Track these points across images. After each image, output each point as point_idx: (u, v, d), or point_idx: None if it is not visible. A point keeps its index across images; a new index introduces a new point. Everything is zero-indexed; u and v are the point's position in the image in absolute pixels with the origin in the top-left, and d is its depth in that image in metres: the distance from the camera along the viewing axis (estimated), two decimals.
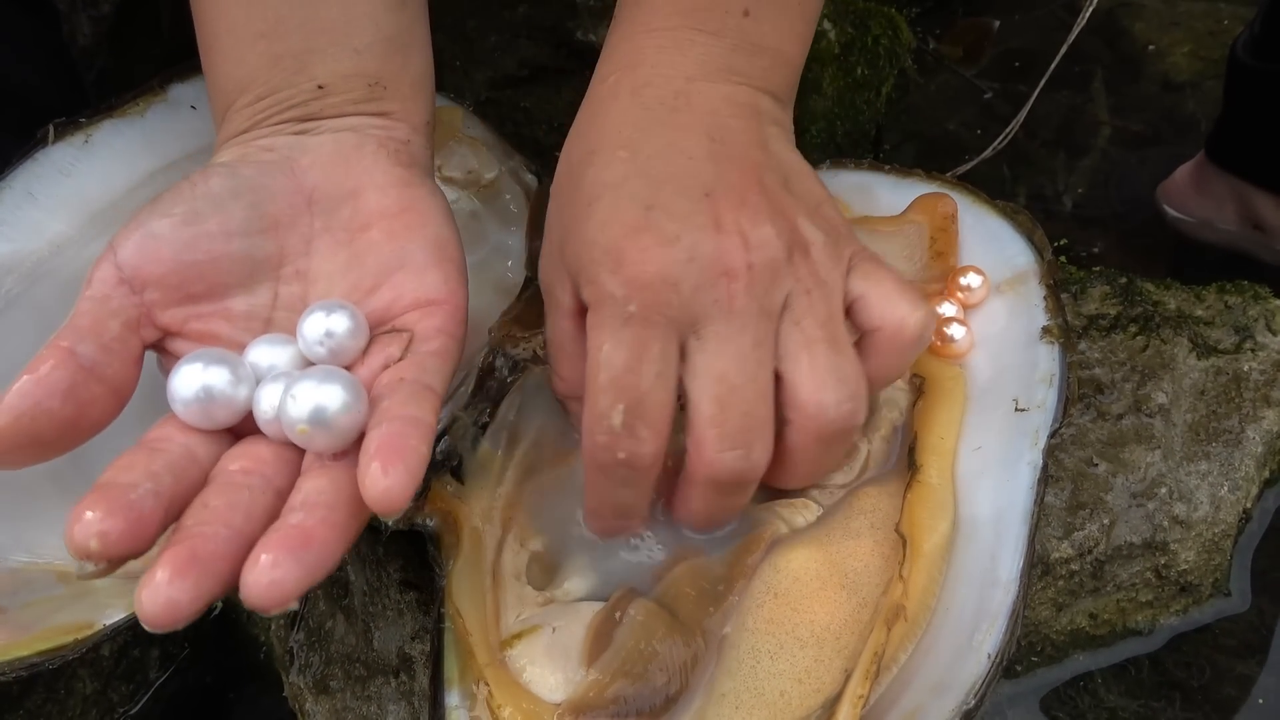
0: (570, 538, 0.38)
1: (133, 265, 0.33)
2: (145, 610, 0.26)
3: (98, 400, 0.31)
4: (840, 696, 0.31)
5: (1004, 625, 0.31)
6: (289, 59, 0.36)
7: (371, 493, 0.27)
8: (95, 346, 0.31)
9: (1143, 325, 0.54)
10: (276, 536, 0.27)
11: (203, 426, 0.31)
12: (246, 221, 0.35)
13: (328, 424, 0.30)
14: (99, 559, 0.27)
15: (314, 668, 0.47)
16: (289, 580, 0.26)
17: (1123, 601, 0.49)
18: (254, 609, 0.26)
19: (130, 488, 0.28)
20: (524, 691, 0.33)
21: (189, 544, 0.27)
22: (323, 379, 0.30)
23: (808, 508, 0.37)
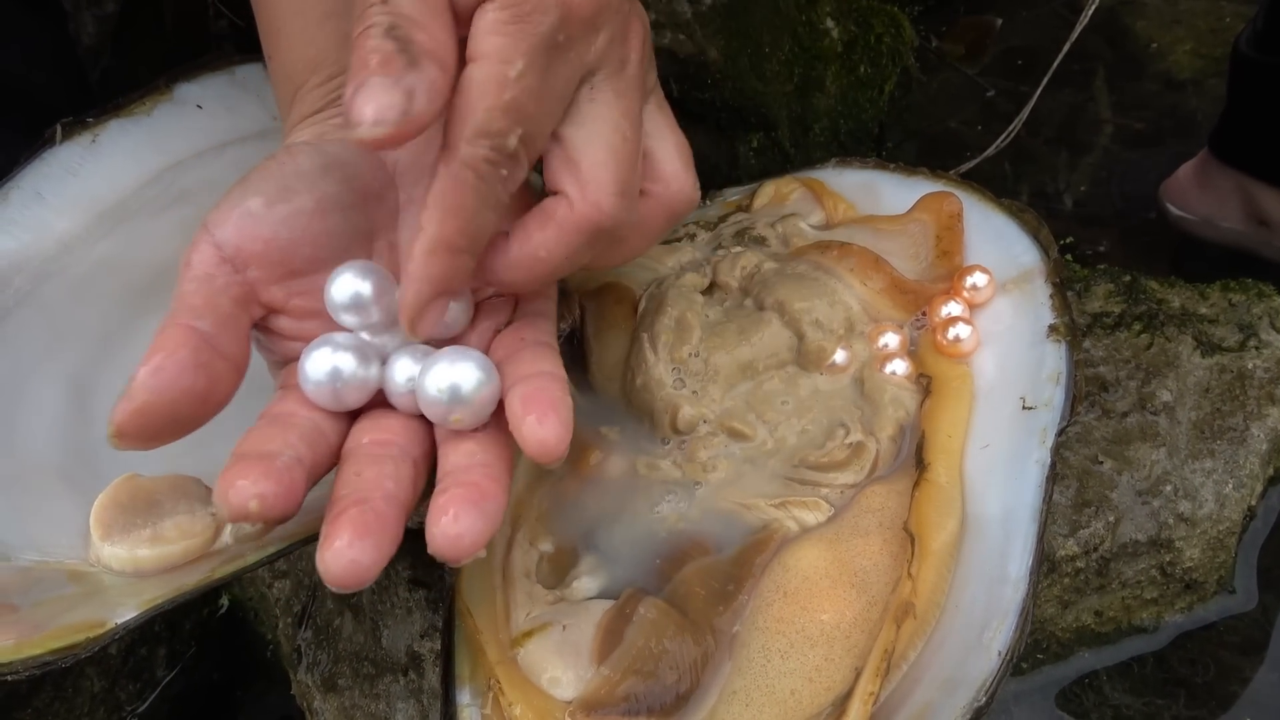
0: (582, 538, 0.38)
1: (233, 244, 0.33)
2: (331, 571, 0.27)
3: (223, 375, 0.31)
4: (851, 694, 0.31)
5: (1014, 623, 0.31)
6: None
7: (531, 442, 0.29)
8: (212, 322, 0.32)
9: (1147, 323, 0.54)
10: (455, 493, 0.29)
11: (331, 408, 0.33)
12: (338, 196, 0.35)
13: (466, 402, 0.31)
14: (257, 519, 0.28)
15: (322, 665, 0.47)
16: (475, 530, 0.28)
17: (1128, 599, 0.49)
18: (445, 560, 0.28)
19: (275, 455, 0.30)
20: (535, 689, 0.33)
21: (360, 509, 0.28)
22: (455, 358, 0.32)
23: (819, 507, 0.37)
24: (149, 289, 0.46)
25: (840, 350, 0.43)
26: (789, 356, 0.43)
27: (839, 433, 0.40)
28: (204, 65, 0.51)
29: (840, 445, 0.39)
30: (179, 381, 0.30)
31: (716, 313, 0.46)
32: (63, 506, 0.39)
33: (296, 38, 0.38)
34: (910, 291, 0.44)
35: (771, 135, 0.71)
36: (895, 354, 0.42)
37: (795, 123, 0.73)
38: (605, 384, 0.44)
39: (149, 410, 0.29)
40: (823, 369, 0.43)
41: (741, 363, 0.43)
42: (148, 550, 0.37)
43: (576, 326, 0.46)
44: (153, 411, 0.30)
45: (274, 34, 0.39)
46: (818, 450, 0.40)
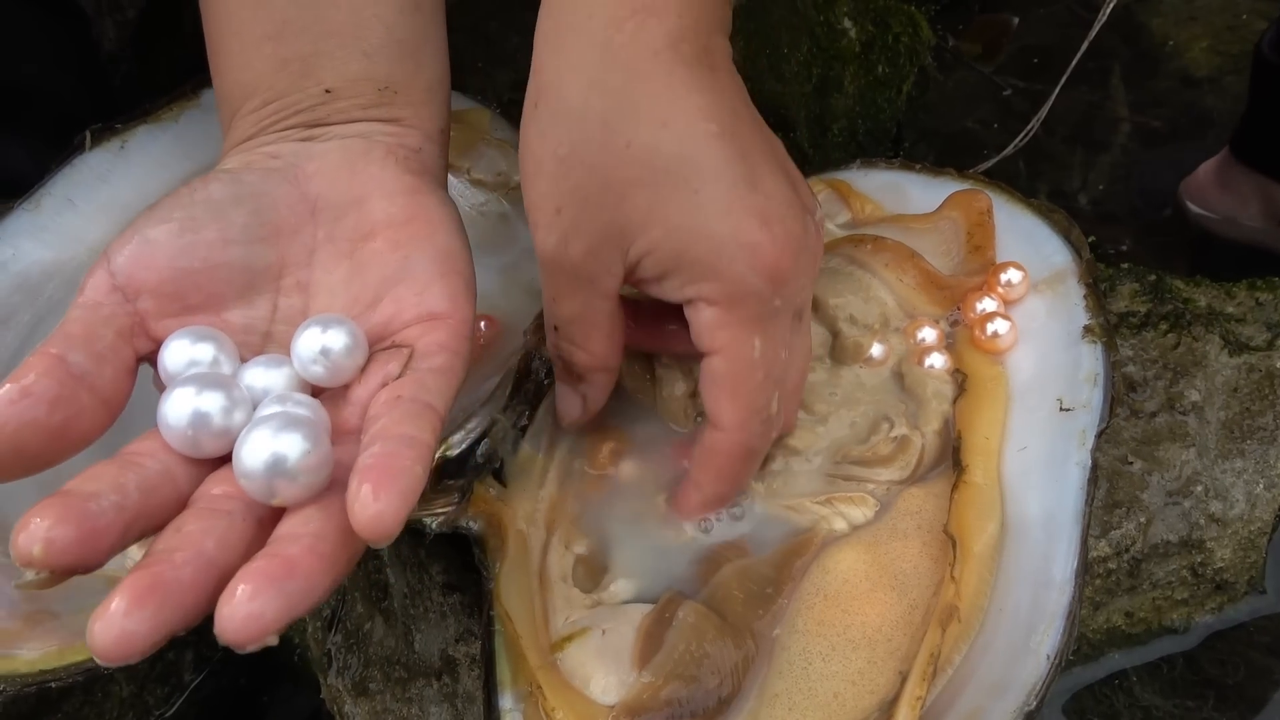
0: (616, 541, 0.38)
1: (126, 272, 0.31)
2: (96, 642, 0.23)
3: (87, 411, 0.29)
4: (897, 698, 0.31)
5: (1061, 626, 0.31)
6: (296, 63, 0.35)
7: (361, 518, 0.25)
8: (86, 355, 0.29)
9: (1173, 323, 0.54)
10: (257, 565, 0.25)
11: (192, 455, 0.29)
12: (246, 229, 0.33)
13: (291, 477, 0.27)
14: (40, 567, 0.25)
15: (352, 670, 0.47)
16: (268, 612, 0.24)
17: (1158, 599, 0.49)
18: (228, 644, 0.24)
19: (92, 497, 0.26)
20: (577, 694, 0.33)
21: (153, 570, 0.25)
22: (279, 428, 0.27)
23: (866, 502, 0.38)
24: None
25: (876, 345, 0.43)
26: (823, 352, 0.43)
27: (884, 426, 0.40)
28: None
29: (885, 439, 0.39)
30: (28, 415, 0.27)
31: None
32: None
33: (234, 59, 0.36)
34: (945, 286, 0.44)
35: (790, 136, 0.71)
36: (933, 348, 0.42)
37: (813, 123, 0.72)
38: (638, 389, 0.44)
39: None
40: (860, 363, 0.43)
41: None
42: None
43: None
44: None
45: (215, 54, 0.37)
46: (862, 445, 0.40)
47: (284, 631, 0.25)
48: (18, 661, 0.34)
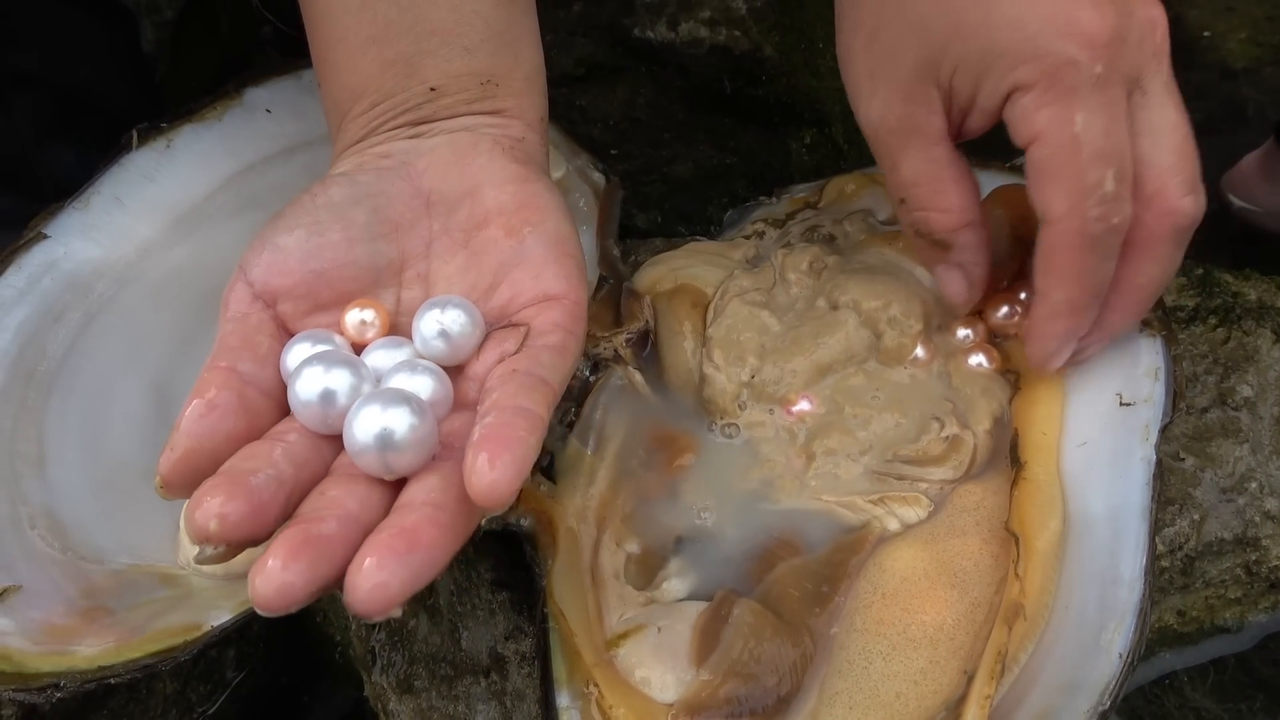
0: (668, 540, 0.38)
1: (263, 281, 0.33)
2: (258, 593, 0.25)
3: (264, 413, 0.31)
4: (964, 698, 0.31)
5: (1133, 624, 0.31)
6: (400, 63, 0.36)
7: (477, 486, 0.26)
8: (251, 362, 0.31)
9: (1223, 317, 0.53)
10: (382, 538, 0.26)
11: (320, 430, 0.31)
12: (368, 227, 0.34)
13: (399, 449, 0.28)
14: (218, 541, 0.26)
15: (397, 667, 0.47)
16: (394, 584, 0.25)
17: (1211, 598, 0.48)
18: (357, 615, 0.25)
19: (251, 474, 0.28)
20: (635, 691, 0.33)
21: (302, 528, 0.26)
22: (387, 401, 0.29)
23: (919, 502, 0.37)
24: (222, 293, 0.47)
25: (920, 345, 0.42)
26: (867, 354, 0.43)
27: (933, 426, 0.39)
28: (271, 70, 0.51)
29: (936, 439, 0.39)
30: (220, 426, 0.29)
31: (789, 318, 0.45)
32: (149, 510, 0.40)
33: (341, 65, 0.37)
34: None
35: (825, 132, 0.71)
36: (977, 346, 0.41)
37: (849, 119, 0.72)
38: (681, 388, 0.44)
39: (192, 457, 0.29)
40: (904, 364, 0.42)
41: (820, 365, 0.42)
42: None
43: (650, 328, 0.46)
44: (196, 458, 0.29)
45: (322, 61, 0.38)
46: (912, 445, 0.39)
47: (409, 601, 0.26)
48: (76, 658, 0.34)
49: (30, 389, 0.40)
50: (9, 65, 0.51)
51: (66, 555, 0.37)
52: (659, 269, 0.48)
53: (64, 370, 0.41)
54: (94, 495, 0.39)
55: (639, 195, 0.68)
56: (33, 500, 0.39)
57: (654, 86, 0.66)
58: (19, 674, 0.33)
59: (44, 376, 0.41)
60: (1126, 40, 0.33)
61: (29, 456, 0.39)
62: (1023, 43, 0.32)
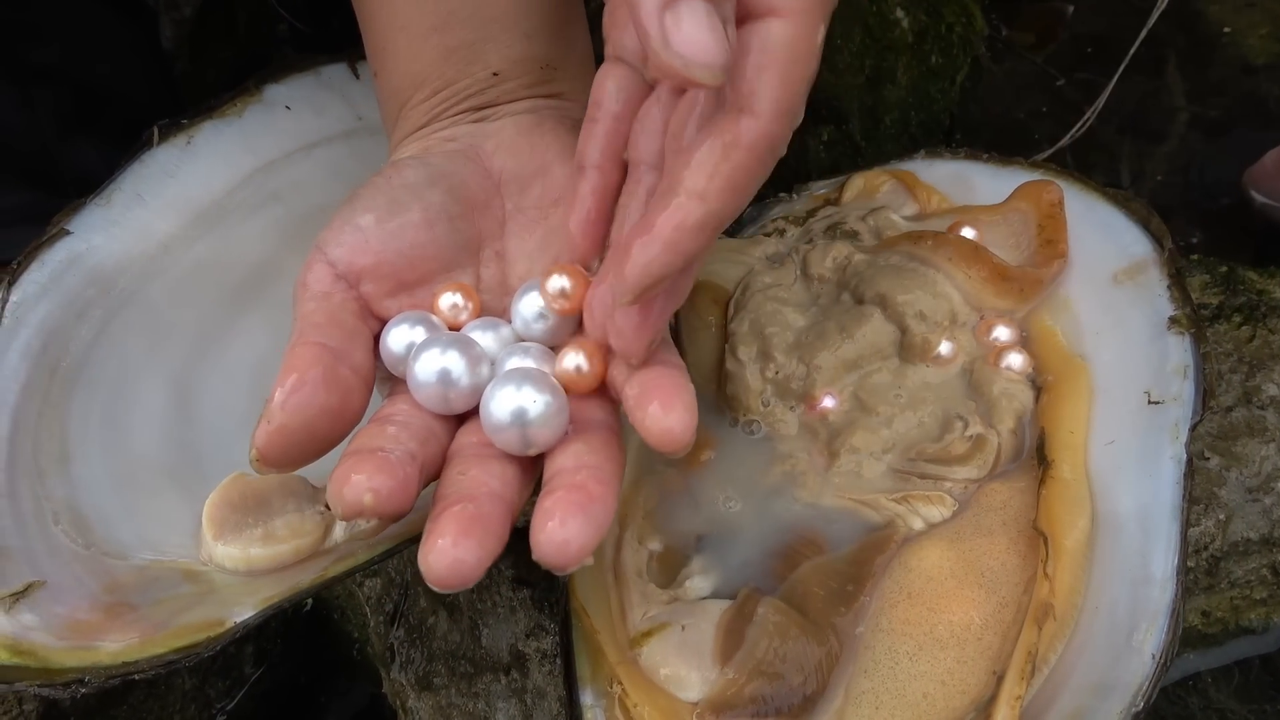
0: (691, 538, 0.38)
1: (345, 260, 0.33)
2: (434, 570, 0.26)
3: (354, 389, 0.31)
4: (994, 698, 0.30)
5: (1165, 624, 0.30)
6: (462, 50, 0.36)
7: (655, 431, 0.27)
8: (338, 338, 0.32)
9: (1247, 315, 0.52)
10: (560, 496, 0.27)
11: (440, 411, 0.32)
12: (445, 207, 0.35)
13: (536, 426, 0.30)
14: (371, 514, 0.27)
15: (416, 664, 0.47)
16: (581, 537, 0.26)
17: (1236, 599, 0.48)
18: (550, 567, 0.27)
19: (387, 451, 0.29)
20: (659, 690, 0.33)
21: (464, 506, 0.27)
22: (521, 381, 0.30)
23: (943, 501, 0.37)
24: (242, 289, 0.47)
25: (945, 343, 0.42)
26: (891, 350, 0.43)
27: (957, 425, 0.39)
28: (291, 66, 0.51)
29: (960, 438, 0.38)
30: (314, 400, 0.30)
31: (813, 314, 0.45)
32: (172, 505, 0.40)
33: (401, 54, 0.37)
34: (1014, 279, 0.43)
35: (843, 128, 0.70)
36: (1010, 346, 0.41)
37: (866, 115, 0.71)
38: (703, 384, 0.44)
39: (288, 431, 0.29)
40: (928, 361, 0.42)
41: (845, 360, 0.42)
42: (260, 549, 0.37)
43: (673, 325, 0.46)
44: (292, 432, 0.29)
45: (379, 51, 0.38)
46: (935, 444, 0.39)
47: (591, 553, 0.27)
48: (100, 654, 0.34)
49: (54, 384, 0.41)
50: (31, 61, 0.51)
51: (90, 551, 0.37)
52: None
53: (87, 366, 0.41)
54: (117, 491, 0.39)
55: None
56: (56, 495, 0.39)
57: None
58: (44, 669, 0.33)
59: (67, 372, 0.41)
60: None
61: (52, 452, 0.39)
62: None
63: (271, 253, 0.47)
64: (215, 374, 0.44)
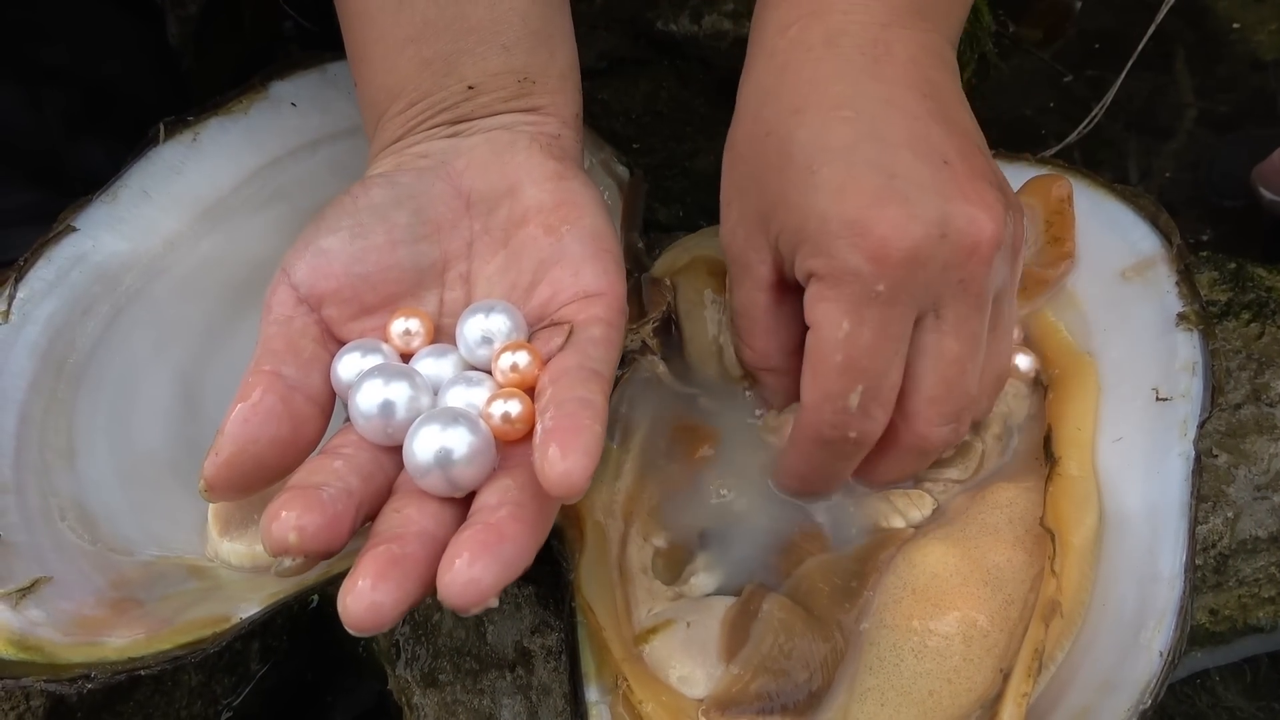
0: (695, 534, 0.38)
1: (308, 284, 0.33)
2: (350, 614, 0.26)
3: (309, 419, 0.31)
4: (1001, 696, 0.30)
5: (1173, 622, 0.30)
6: (438, 62, 0.36)
7: (550, 476, 0.26)
8: (295, 366, 0.31)
9: (1256, 312, 0.52)
10: (469, 534, 0.27)
11: (381, 442, 0.31)
12: (410, 229, 0.34)
13: (458, 466, 0.29)
14: (296, 553, 0.27)
15: (421, 661, 0.47)
16: (486, 578, 0.26)
17: (1244, 597, 0.48)
18: (454, 609, 0.26)
19: (322, 487, 0.28)
20: (664, 687, 0.33)
21: (387, 548, 0.27)
22: (446, 422, 0.29)
23: (923, 499, 0.37)
24: (248, 286, 0.47)
25: None
26: None
27: None
28: (296, 64, 0.51)
29: None
30: (264, 431, 0.29)
31: None
32: (177, 501, 0.40)
33: (378, 64, 0.37)
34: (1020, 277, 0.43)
35: None
36: (1015, 346, 0.41)
37: None
38: (702, 362, 0.44)
39: (235, 463, 0.29)
40: None
41: None
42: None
43: (671, 311, 0.46)
44: (240, 464, 0.29)
45: (358, 61, 0.38)
46: None
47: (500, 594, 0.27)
48: (106, 649, 0.34)
49: (60, 381, 0.41)
50: (39, 60, 0.51)
51: (96, 546, 0.37)
52: (674, 252, 0.48)
53: (93, 362, 0.42)
54: (123, 487, 0.40)
55: (661, 189, 0.68)
56: (62, 492, 0.39)
57: (676, 80, 0.66)
58: (50, 665, 0.34)
59: (73, 369, 0.41)
60: (927, 264, 0.31)
61: (59, 448, 0.40)
62: (821, 237, 0.32)
63: (277, 250, 0.47)
64: (221, 371, 0.44)
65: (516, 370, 0.32)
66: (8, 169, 0.51)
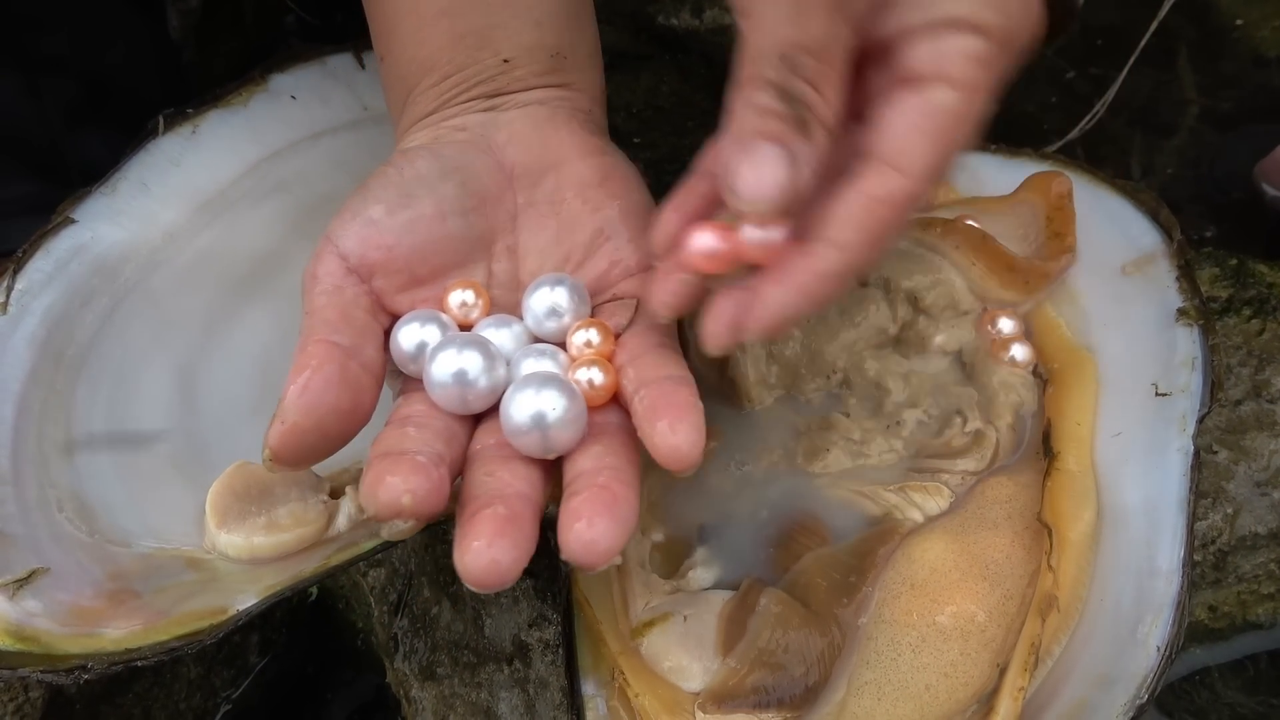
0: (693, 528, 0.38)
1: (357, 254, 0.33)
2: (471, 572, 0.26)
3: (366, 388, 0.31)
4: (998, 690, 0.30)
5: (1170, 617, 0.30)
6: (472, 36, 0.36)
7: (664, 449, 0.27)
8: (350, 336, 0.31)
9: (1257, 308, 0.52)
10: (587, 497, 0.27)
11: (458, 411, 0.31)
12: (457, 200, 0.34)
13: (555, 428, 0.30)
14: (409, 515, 0.27)
15: (419, 654, 0.47)
16: (609, 537, 0.27)
17: (1244, 594, 0.48)
18: (580, 566, 0.27)
19: (416, 452, 0.29)
20: (660, 680, 0.33)
21: (494, 509, 0.27)
22: (540, 385, 0.30)
23: (940, 492, 0.37)
24: (248, 279, 0.47)
25: (945, 333, 0.42)
26: (891, 337, 0.42)
27: (956, 421, 0.39)
28: (297, 56, 0.51)
29: (959, 433, 0.38)
30: (326, 399, 0.29)
31: None
32: (176, 493, 0.40)
33: (409, 38, 0.37)
34: (1020, 271, 0.43)
35: None
36: (1014, 338, 0.41)
37: None
38: (706, 372, 0.44)
39: (301, 430, 0.29)
40: (928, 351, 0.42)
41: (845, 345, 0.42)
42: (263, 538, 0.37)
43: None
44: (305, 431, 0.29)
45: (386, 34, 0.38)
46: (935, 438, 0.39)
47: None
48: (104, 640, 0.34)
49: (59, 372, 0.41)
50: (39, 50, 0.51)
51: (94, 538, 0.38)
52: None
53: (91, 354, 0.42)
54: (121, 478, 0.40)
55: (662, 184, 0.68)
56: (61, 483, 0.39)
57: (678, 74, 0.65)
58: (47, 655, 0.34)
59: (72, 360, 0.41)
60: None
61: (57, 440, 0.40)
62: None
63: (277, 243, 0.47)
64: (220, 363, 0.44)
65: (591, 346, 0.33)
66: (6, 159, 0.51)
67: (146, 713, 0.49)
